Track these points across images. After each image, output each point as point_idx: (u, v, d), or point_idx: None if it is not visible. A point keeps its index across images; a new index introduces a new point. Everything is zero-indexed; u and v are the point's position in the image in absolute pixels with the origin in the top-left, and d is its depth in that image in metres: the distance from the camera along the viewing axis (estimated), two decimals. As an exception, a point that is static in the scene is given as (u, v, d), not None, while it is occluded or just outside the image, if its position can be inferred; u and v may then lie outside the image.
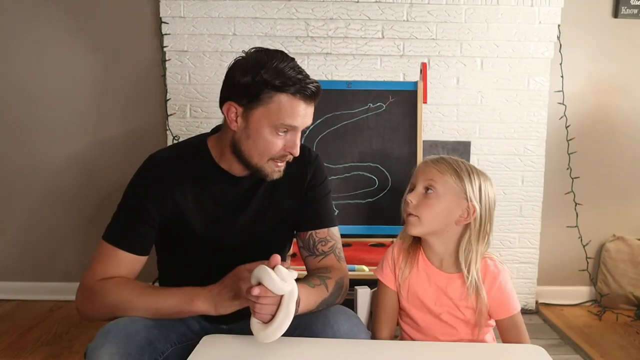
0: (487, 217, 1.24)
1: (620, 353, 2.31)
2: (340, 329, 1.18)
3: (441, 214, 1.23)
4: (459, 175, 1.23)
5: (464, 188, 1.23)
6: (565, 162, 2.73)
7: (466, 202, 1.22)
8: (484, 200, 1.24)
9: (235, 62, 1.26)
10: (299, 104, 1.21)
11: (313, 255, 1.36)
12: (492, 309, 1.25)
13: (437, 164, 1.25)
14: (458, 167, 1.25)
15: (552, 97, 2.68)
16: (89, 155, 2.73)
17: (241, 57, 1.26)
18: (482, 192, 1.24)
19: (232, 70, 1.25)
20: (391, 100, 2.35)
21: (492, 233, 1.27)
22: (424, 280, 1.29)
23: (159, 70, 2.65)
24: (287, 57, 1.23)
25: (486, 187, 1.25)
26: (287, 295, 1.07)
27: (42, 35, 2.66)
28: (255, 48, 1.27)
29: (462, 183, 1.23)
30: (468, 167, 1.26)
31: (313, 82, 1.22)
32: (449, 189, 1.23)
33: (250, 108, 1.22)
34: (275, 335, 1.07)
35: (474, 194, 1.23)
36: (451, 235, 1.26)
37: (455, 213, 1.23)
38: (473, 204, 1.22)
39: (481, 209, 1.23)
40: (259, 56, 1.23)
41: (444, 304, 1.27)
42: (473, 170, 1.26)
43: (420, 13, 2.58)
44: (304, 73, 1.22)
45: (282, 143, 1.24)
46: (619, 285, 2.76)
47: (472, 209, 1.22)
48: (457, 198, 1.23)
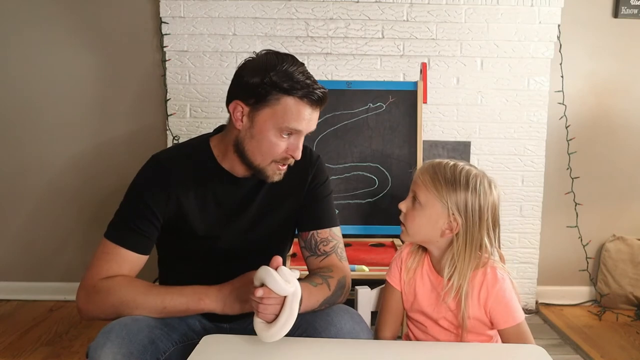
0: (479, 229, 1.19)
1: (620, 353, 2.31)
2: (343, 328, 1.18)
3: (425, 225, 1.20)
4: (440, 185, 1.18)
5: (445, 200, 1.18)
6: (565, 162, 2.74)
7: (448, 215, 1.18)
8: (470, 212, 1.18)
9: (245, 62, 1.27)
10: (305, 108, 1.22)
11: (315, 256, 1.36)
12: (493, 318, 1.23)
13: (423, 173, 1.21)
14: (443, 176, 1.19)
15: (552, 97, 2.68)
16: (89, 155, 2.73)
17: (252, 58, 1.27)
18: (469, 203, 1.18)
19: (242, 70, 1.26)
20: (391, 100, 2.35)
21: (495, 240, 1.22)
22: (427, 285, 1.28)
23: (159, 70, 2.65)
24: (297, 62, 1.24)
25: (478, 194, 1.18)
26: (291, 296, 1.08)
27: (42, 36, 2.65)
28: (266, 50, 1.28)
29: (441, 194, 1.18)
30: (455, 175, 1.19)
31: (321, 88, 1.23)
32: (431, 201, 1.19)
33: (257, 108, 1.23)
34: (279, 335, 1.07)
35: (457, 209, 1.18)
36: (443, 245, 1.23)
37: (439, 225, 1.20)
38: (455, 217, 1.18)
39: (467, 221, 1.18)
40: (270, 58, 1.24)
41: (441, 310, 1.25)
42: (461, 177, 1.19)
43: (420, 13, 2.58)
44: (313, 79, 1.23)
45: (285, 146, 1.25)
46: (619, 285, 2.76)
47: (455, 224, 1.19)
48: (439, 210, 1.19)
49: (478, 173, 1.22)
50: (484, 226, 1.20)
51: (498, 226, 1.24)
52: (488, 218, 1.20)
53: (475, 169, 1.23)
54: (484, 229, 1.20)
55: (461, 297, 1.20)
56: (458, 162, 1.24)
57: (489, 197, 1.20)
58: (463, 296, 1.20)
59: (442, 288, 1.25)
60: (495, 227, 1.23)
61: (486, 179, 1.22)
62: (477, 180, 1.19)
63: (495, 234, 1.23)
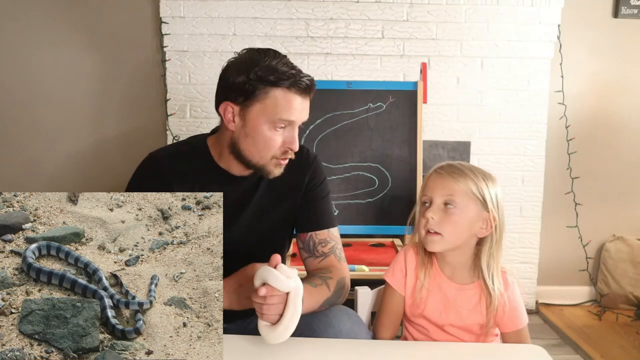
0: (504, 224, 1.21)
1: (620, 353, 2.31)
2: (342, 328, 1.18)
3: (464, 228, 1.19)
4: (477, 186, 1.18)
5: (484, 198, 1.18)
6: (565, 162, 2.73)
7: (487, 212, 1.18)
8: (500, 208, 1.20)
9: (228, 64, 1.28)
10: (295, 98, 1.23)
11: (313, 257, 1.36)
12: (499, 322, 1.24)
13: (454, 175, 1.19)
14: (475, 176, 1.19)
15: (552, 97, 2.68)
16: (89, 155, 2.73)
17: (234, 58, 1.28)
18: (499, 200, 1.20)
19: (226, 72, 1.27)
20: (391, 100, 2.35)
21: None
22: (434, 290, 1.26)
23: (159, 70, 2.65)
24: (279, 54, 1.25)
25: (498, 194, 1.21)
26: (294, 292, 1.07)
27: (42, 35, 2.65)
28: (246, 49, 1.29)
29: (482, 193, 1.18)
30: (483, 174, 1.21)
31: (307, 76, 1.24)
32: (470, 202, 1.18)
33: (247, 106, 1.23)
34: (286, 335, 1.06)
35: (492, 204, 1.18)
36: (468, 247, 1.23)
37: (477, 225, 1.19)
38: (493, 215, 1.18)
39: (499, 217, 1.20)
40: (252, 55, 1.25)
41: (449, 316, 1.25)
42: (487, 176, 1.21)
43: (420, 13, 2.58)
44: (297, 68, 1.24)
45: (281, 139, 1.25)
46: (619, 285, 2.76)
47: (493, 219, 1.19)
48: (478, 209, 1.19)
49: (488, 172, 1.24)
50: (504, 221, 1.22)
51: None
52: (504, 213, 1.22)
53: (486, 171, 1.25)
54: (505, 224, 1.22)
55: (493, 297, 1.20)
56: (463, 162, 1.25)
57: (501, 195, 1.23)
58: (495, 299, 1.19)
59: (452, 292, 1.24)
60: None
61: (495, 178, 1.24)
62: (493, 178, 1.22)
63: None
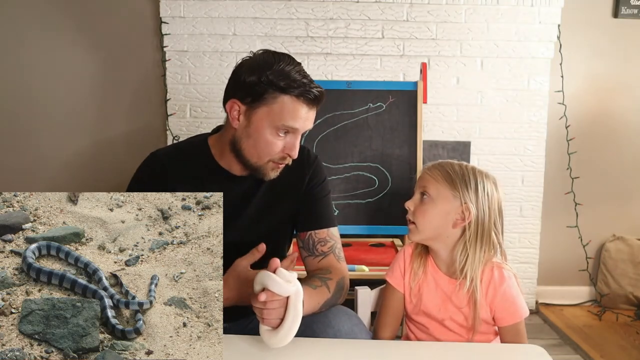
0: (489, 220, 1.23)
1: (620, 353, 2.31)
2: (341, 329, 1.18)
3: (435, 218, 1.23)
4: (450, 178, 1.23)
5: (457, 190, 1.22)
6: (565, 162, 2.73)
7: (461, 205, 1.22)
8: (481, 202, 1.23)
9: (242, 62, 1.28)
10: (302, 107, 1.23)
11: (312, 256, 1.36)
12: (496, 315, 1.25)
13: (430, 169, 1.27)
14: (451, 170, 1.25)
15: (552, 97, 2.68)
16: (89, 154, 2.73)
17: (249, 57, 1.28)
18: (479, 194, 1.23)
19: (239, 69, 1.27)
20: (391, 100, 2.35)
21: (501, 237, 1.25)
22: (432, 286, 1.29)
23: (159, 70, 2.65)
24: (293, 61, 1.25)
25: (485, 189, 1.24)
26: (294, 296, 1.07)
27: (42, 35, 2.65)
28: (263, 50, 1.30)
29: (454, 185, 1.22)
30: (464, 170, 1.25)
31: (317, 87, 1.24)
32: (442, 193, 1.23)
33: (254, 107, 1.24)
34: (288, 339, 1.06)
35: (469, 196, 1.22)
36: (452, 240, 1.26)
37: (451, 216, 1.23)
38: (468, 206, 1.22)
39: (478, 211, 1.22)
40: (267, 57, 1.25)
41: (448, 310, 1.27)
42: (469, 172, 1.25)
43: (420, 13, 2.58)
44: (309, 78, 1.25)
45: (281, 144, 1.25)
46: (619, 285, 2.76)
47: (468, 212, 1.22)
48: (451, 201, 1.23)
49: (482, 170, 1.27)
50: (492, 217, 1.24)
51: (503, 222, 1.27)
52: (495, 210, 1.24)
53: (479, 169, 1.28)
54: (492, 220, 1.24)
55: (475, 292, 1.23)
56: (453, 161, 1.29)
57: (495, 192, 1.25)
58: (477, 292, 1.22)
59: (449, 287, 1.26)
60: (501, 221, 1.26)
61: (490, 176, 1.27)
62: (483, 174, 1.26)
63: (501, 229, 1.27)
